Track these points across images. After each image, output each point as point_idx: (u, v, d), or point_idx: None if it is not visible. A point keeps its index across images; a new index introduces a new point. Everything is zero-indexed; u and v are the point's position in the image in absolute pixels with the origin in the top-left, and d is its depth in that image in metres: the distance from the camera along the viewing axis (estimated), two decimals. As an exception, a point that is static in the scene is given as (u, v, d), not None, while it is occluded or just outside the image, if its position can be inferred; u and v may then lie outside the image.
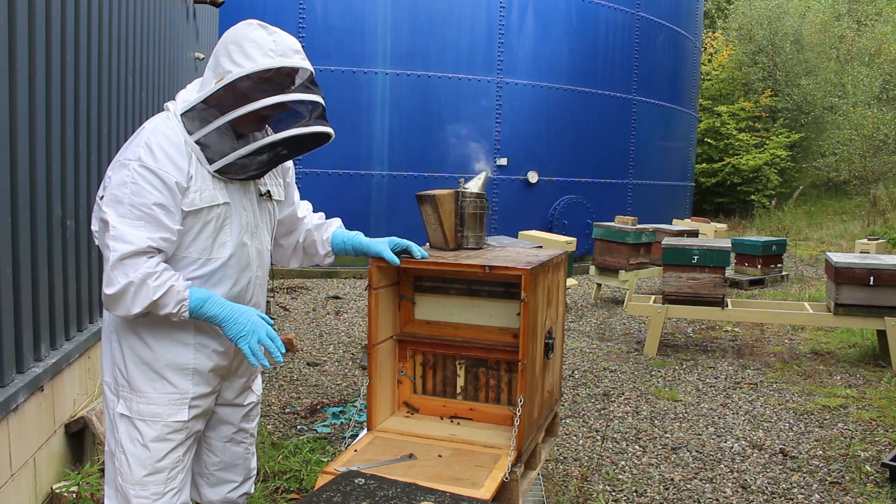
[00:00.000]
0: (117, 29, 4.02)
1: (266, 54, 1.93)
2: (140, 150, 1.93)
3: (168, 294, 1.91)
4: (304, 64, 2.01)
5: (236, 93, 1.94)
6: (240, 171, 2.04)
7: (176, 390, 2.07)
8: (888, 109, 18.26)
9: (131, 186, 1.90)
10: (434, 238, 2.77)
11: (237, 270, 2.11)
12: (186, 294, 1.94)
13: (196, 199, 1.98)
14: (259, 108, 1.93)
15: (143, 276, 1.88)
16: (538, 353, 2.59)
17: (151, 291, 1.89)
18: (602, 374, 5.57)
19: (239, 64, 1.93)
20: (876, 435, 4.31)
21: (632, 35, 12.29)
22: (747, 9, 22.05)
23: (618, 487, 3.62)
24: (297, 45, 2.03)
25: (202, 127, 1.97)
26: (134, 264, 1.88)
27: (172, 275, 1.94)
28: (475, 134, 10.76)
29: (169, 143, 1.96)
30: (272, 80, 1.96)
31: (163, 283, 1.90)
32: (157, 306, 1.92)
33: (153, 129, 1.98)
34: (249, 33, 1.97)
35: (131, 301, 1.90)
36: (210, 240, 2.05)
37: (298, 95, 1.98)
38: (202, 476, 2.31)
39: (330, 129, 2.06)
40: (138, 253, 1.88)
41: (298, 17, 10.15)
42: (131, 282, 1.88)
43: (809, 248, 13.89)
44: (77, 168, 3.40)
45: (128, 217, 1.89)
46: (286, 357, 5.77)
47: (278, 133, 2.00)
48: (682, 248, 6.20)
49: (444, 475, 2.25)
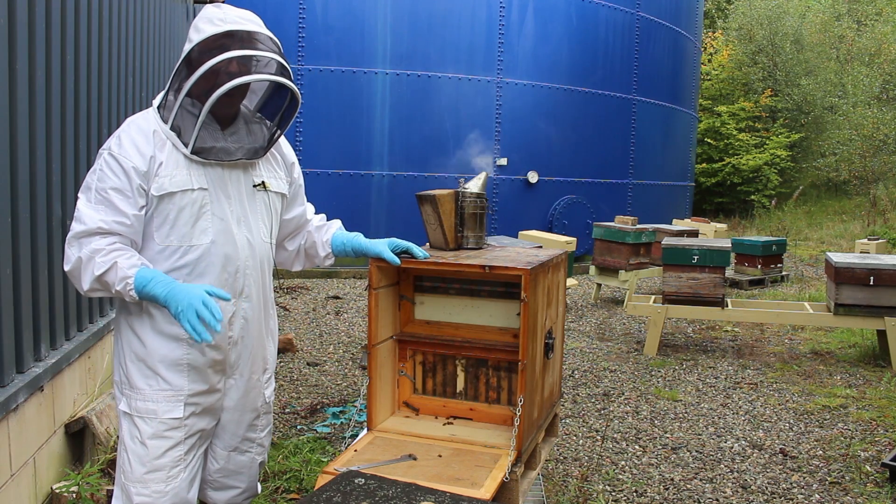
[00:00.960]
0: (117, 29, 4.02)
1: (214, 24, 1.99)
2: (112, 141, 2.03)
3: (112, 270, 1.94)
4: (251, 27, 2.01)
5: (191, 66, 1.97)
6: (221, 154, 2.05)
7: (170, 387, 2.07)
8: (888, 109, 18.26)
9: (98, 173, 2.00)
10: (434, 238, 2.77)
11: (222, 258, 2.09)
12: (131, 273, 1.94)
13: (165, 183, 2.01)
14: (205, 69, 1.93)
15: (91, 252, 1.95)
16: (538, 353, 2.60)
17: (96, 267, 1.94)
18: (602, 374, 5.57)
19: (192, 40, 2.00)
20: (876, 435, 4.31)
21: (632, 35, 12.29)
22: (747, 9, 22.04)
23: (618, 487, 3.62)
24: (249, 15, 2.05)
25: (172, 111, 2.02)
26: (87, 242, 1.96)
27: (123, 254, 1.96)
28: (475, 134, 10.76)
29: (138, 131, 2.03)
30: (223, 46, 1.96)
31: (108, 260, 1.94)
32: (105, 284, 1.96)
33: (129, 122, 2.07)
34: (203, 13, 2.04)
35: (81, 276, 1.97)
36: (188, 226, 2.05)
37: (240, 52, 1.95)
38: (205, 480, 2.31)
39: (281, 79, 2.01)
40: (90, 233, 1.96)
41: (298, 17, 10.15)
42: (79, 258, 1.96)
43: (809, 248, 13.90)
44: (77, 168, 3.40)
45: (92, 201, 1.99)
46: (286, 357, 5.77)
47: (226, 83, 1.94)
48: (682, 248, 6.20)
49: (444, 475, 2.25)
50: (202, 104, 1.97)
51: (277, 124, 2.16)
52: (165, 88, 2.05)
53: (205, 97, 1.96)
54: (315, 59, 10.06)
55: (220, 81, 1.94)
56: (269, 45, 2.02)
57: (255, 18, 2.06)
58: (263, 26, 2.06)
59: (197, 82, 1.95)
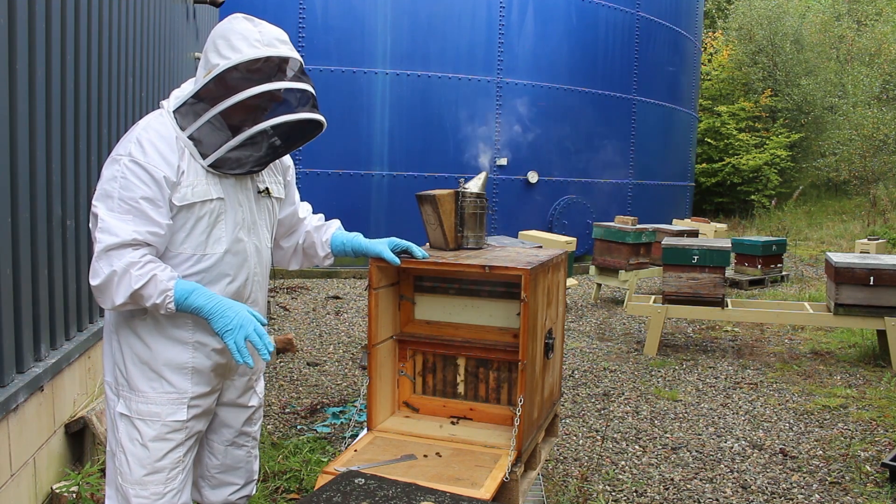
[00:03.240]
0: (117, 29, 4.02)
1: (252, 45, 1.95)
2: (131, 146, 1.95)
3: (150, 283, 1.90)
4: (291, 53, 2.01)
5: (225, 85, 1.95)
6: (235, 165, 2.04)
7: (174, 390, 2.07)
8: (888, 109, 18.26)
9: (121, 181, 1.92)
10: (434, 238, 2.77)
11: (234, 267, 2.11)
12: (171, 285, 1.92)
13: (188, 194, 1.99)
14: (246, 97, 1.93)
15: (126, 265, 1.89)
16: (538, 353, 2.59)
17: (133, 280, 1.89)
18: (602, 374, 5.57)
19: (226, 56, 1.94)
20: (876, 435, 4.31)
21: (632, 35, 12.29)
22: (747, 9, 22.04)
23: (618, 487, 3.62)
24: (284, 36, 2.04)
25: (194, 121, 1.98)
26: (119, 255, 1.89)
27: (158, 266, 1.94)
28: (475, 134, 10.76)
29: (159, 138, 1.97)
30: (261, 71, 1.95)
31: (145, 273, 1.90)
32: (140, 297, 1.91)
33: (145, 126, 2.00)
34: (235, 26, 1.98)
35: (115, 291, 1.90)
36: (204, 235, 2.04)
37: (284, 84, 1.97)
38: (203, 478, 2.31)
39: (320, 117, 2.05)
40: (123, 245, 1.90)
41: (298, 17, 10.15)
42: (114, 271, 1.89)
43: (809, 248, 13.90)
44: (77, 168, 3.40)
45: (116, 211, 1.91)
46: (286, 357, 5.77)
47: (266, 121, 1.97)
48: (682, 248, 6.20)
49: (444, 475, 2.25)
50: (230, 123, 1.97)
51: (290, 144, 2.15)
52: (187, 94, 2.01)
53: (237, 122, 1.96)
54: (315, 59, 10.06)
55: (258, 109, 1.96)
56: (304, 75, 2.03)
57: (287, 39, 2.04)
58: (294, 48, 2.05)
59: (234, 106, 1.94)
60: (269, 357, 1.95)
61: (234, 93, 1.93)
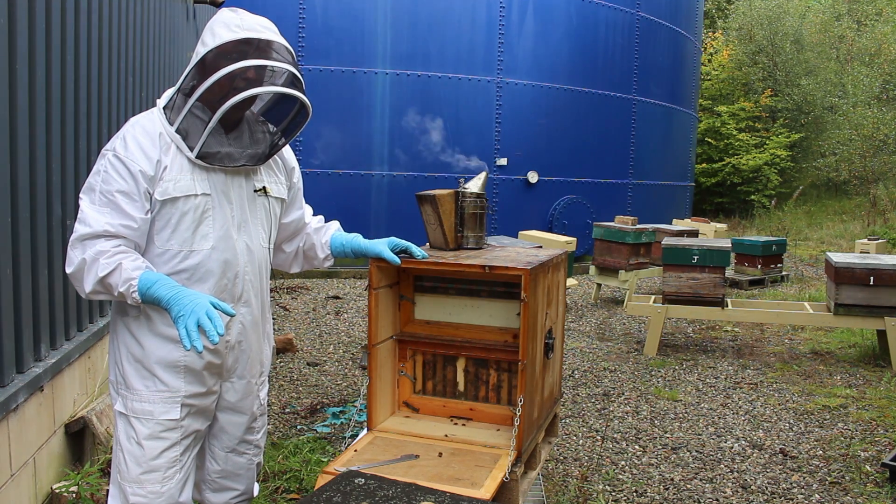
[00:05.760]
0: (117, 29, 4.02)
1: (231, 30, 1.96)
2: (116, 142, 2.00)
3: (116, 272, 1.92)
4: (273, 37, 2.00)
5: (204, 71, 1.96)
6: (226, 159, 2.04)
7: (167, 388, 2.07)
8: (888, 109, 18.26)
9: (102, 175, 1.97)
10: (434, 238, 2.77)
11: (221, 264, 2.09)
12: (136, 274, 1.93)
13: (169, 188, 2.00)
14: (221, 75, 1.91)
15: (96, 253, 1.93)
16: (538, 353, 2.59)
17: (100, 268, 1.92)
18: (602, 374, 5.57)
19: (207, 44, 1.97)
20: (876, 435, 4.31)
21: (632, 35, 12.29)
22: (747, 9, 22.05)
23: (618, 487, 3.62)
24: (268, 24, 2.04)
25: (179, 114, 2.00)
26: (91, 244, 1.94)
27: (128, 256, 1.95)
28: (475, 134, 10.76)
29: (143, 133, 2.00)
30: (239, 52, 1.95)
31: (112, 262, 1.92)
32: (109, 286, 1.93)
33: (133, 122, 2.04)
34: (219, 17, 2.01)
35: (84, 278, 1.94)
36: (189, 231, 2.04)
37: (259, 61, 1.95)
38: (204, 481, 2.31)
39: (296, 93, 2.01)
40: (96, 235, 1.94)
41: (298, 17, 10.15)
42: (84, 259, 1.93)
43: (809, 248, 13.89)
44: (77, 168, 3.40)
45: (97, 203, 1.96)
46: (286, 357, 5.78)
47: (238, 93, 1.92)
48: (682, 248, 6.20)
49: (444, 475, 2.25)
50: (212, 110, 1.96)
51: (283, 133, 2.14)
52: (174, 89, 2.03)
53: (216, 104, 1.94)
54: (315, 59, 10.06)
55: (235, 89, 1.92)
56: (284, 56, 2.01)
57: (271, 26, 2.04)
58: (279, 35, 2.04)
59: (210, 88, 1.93)
60: (216, 339, 1.85)
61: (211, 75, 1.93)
